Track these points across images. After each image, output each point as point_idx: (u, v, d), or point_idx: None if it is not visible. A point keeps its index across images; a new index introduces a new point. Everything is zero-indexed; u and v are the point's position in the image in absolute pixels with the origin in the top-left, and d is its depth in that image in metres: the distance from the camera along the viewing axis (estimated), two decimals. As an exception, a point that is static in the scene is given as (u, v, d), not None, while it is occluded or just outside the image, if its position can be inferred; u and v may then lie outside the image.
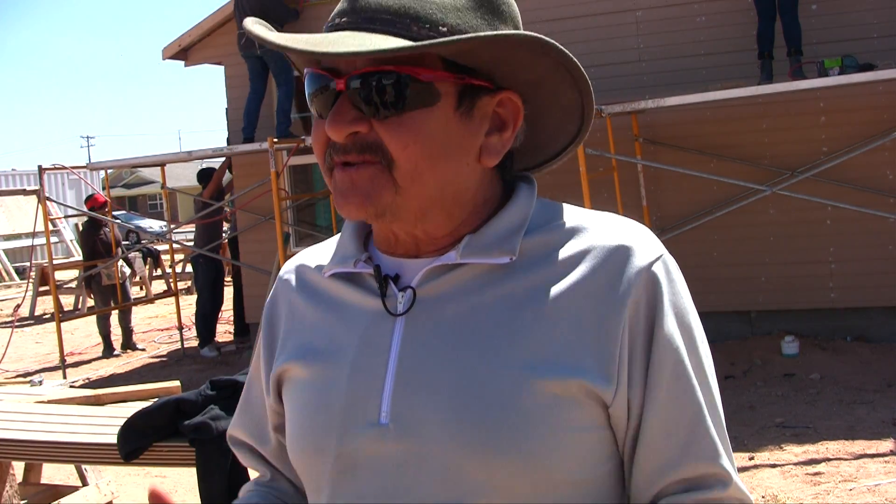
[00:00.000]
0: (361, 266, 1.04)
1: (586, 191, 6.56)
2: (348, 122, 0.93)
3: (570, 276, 0.98)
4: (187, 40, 9.66)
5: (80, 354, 10.52)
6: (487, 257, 0.99)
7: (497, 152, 1.00)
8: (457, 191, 0.99)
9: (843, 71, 6.51)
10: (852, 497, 4.41)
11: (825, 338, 7.43)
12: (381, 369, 0.99)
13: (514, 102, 1.00)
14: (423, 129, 0.93)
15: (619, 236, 1.00)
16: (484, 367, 0.95)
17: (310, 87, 0.98)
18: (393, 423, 0.96)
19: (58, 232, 16.60)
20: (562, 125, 1.08)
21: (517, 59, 0.96)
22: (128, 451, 3.09)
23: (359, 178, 0.95)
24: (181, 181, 31.43)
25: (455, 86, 0.95)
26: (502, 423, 0.93)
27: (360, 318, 1.04)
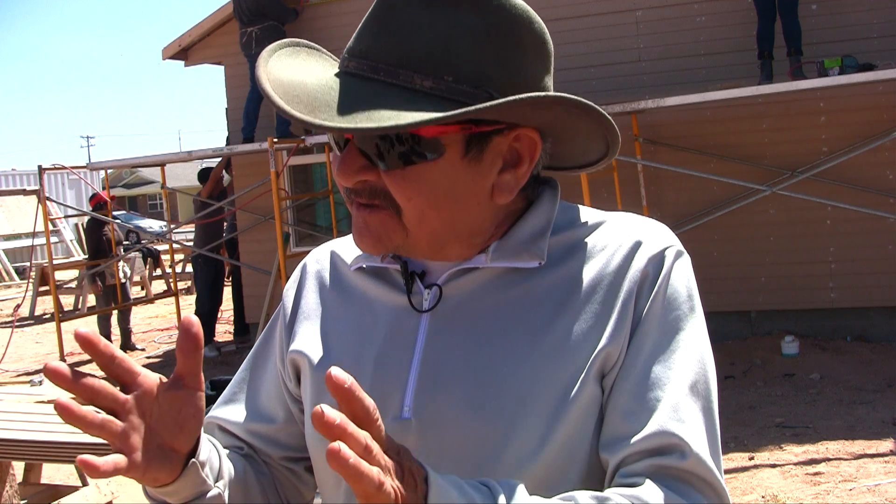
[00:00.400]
0: (389, 261, 1.06)
1: (586, 190, 6.56)
2: (355, 170, 0.95)
3: (592, 275, 1.00)
4: (187, 40, 9.66)
5: (80, 354, 10.52)
6: (517, 261, 1.00)
7: (510, 189, 0.99)
8: (469, 228, 1.00)
9: (843, 71, 6.52)
10: (852, 497, 4.41)
11: (825, 338, 7.43)
12: (406, 364, 1.01)
13: (530, 138, 0.98)
14: (426, 182, 0.94)
15: (637, 232, 1.02)
16: (506, 364, 0.97)
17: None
18: (415, 417, 0.98)
19: (58, 232, 16.60)
20: (587, 146, 1.07)
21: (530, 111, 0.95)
22: (128, 450, 3.09)
23: (371, 220, 0.97)
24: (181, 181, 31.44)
25: (462, 135, 0.94)
26: (521, 420, 0.94)
27: (386, 313, 1.06)
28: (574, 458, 0.96)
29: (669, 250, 1.01)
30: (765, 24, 6.96)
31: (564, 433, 0.95)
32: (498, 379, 0.96)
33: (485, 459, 0.95)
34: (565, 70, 8.06)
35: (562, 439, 0.95)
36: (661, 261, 1.00)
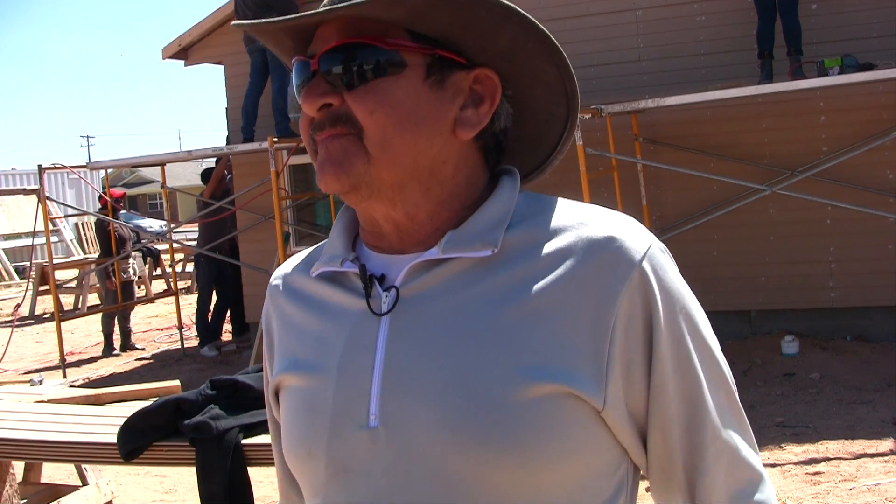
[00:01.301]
0: (347, 265, 1.04)
1: (586, 190, 6.56)
2: (319, 94, 0.97)
3: (557, 270, 0.96)
4: (187, 40, 9.66)
5: (80, 354, 10.52)
6: (470, 251, 0.97)
7: (472, 125, 1.00)
8: (432, 164, 0.99)
9: (842, 70, 6.51)
10: (852, 497, 4.41)
11: (825, 337, 7.43)
12: (368, 371, 0.98)
13: (490, 79, 1.01)
14: (388, 96, 0.96)
15: (606, 229, 0.97)
16: (471, 366, 0.94)
17: (296, 76, 1.02)
18: (382, 425, 0.96)
19: (58, 231, 16.60)
20: (550, 108, 1.08)
21: (476, 24, 0.97)
22: (128, 450, 3.09)
23: (332, 147, 0.97)
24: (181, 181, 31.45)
25: (423, 56, 0.97)
26: (490, 423, 0.91)
27: (346, 319, 1.03)
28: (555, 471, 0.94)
29: (649, 254, 0.97)
30: (765, 23, 6.95)
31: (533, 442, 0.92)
32: (468, 382, 0.93)
33: (459, 466, 0.93)
34: (565, 70, 8.05)
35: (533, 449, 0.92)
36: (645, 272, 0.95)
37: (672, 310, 0.97)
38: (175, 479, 5.54)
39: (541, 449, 0.92)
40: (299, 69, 1.01)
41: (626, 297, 0.94)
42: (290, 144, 8.10)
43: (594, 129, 7.29)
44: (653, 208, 7.87)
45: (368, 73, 0.96)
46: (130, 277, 10.29)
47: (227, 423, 2.98)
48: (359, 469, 0.97)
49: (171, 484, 5.51)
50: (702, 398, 0.98)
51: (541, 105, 1.08)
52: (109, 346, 10.17)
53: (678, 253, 1.04)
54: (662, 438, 0.98)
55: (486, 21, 0.96)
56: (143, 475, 5.64)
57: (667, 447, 0.99)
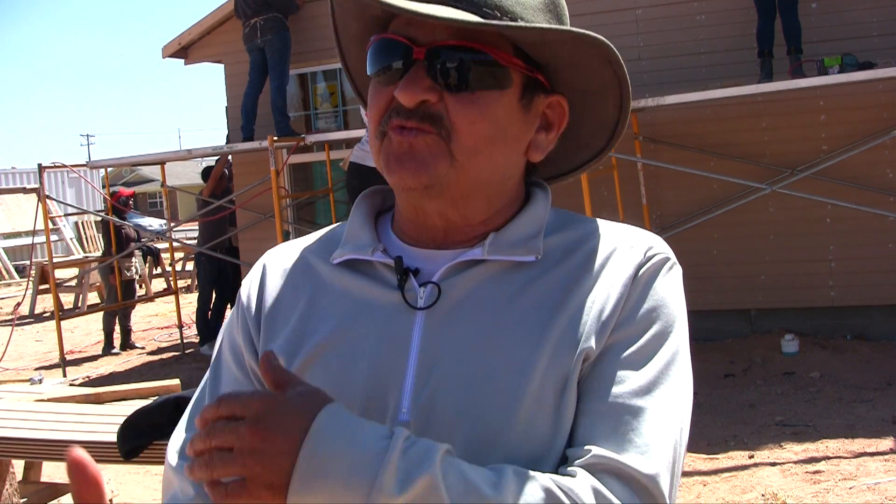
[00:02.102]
0: (379, 256, 1.03)
1: (586, 189, 6.56)
2: (423, 89, 0.94)
3: (591, 274, 1.00)
4: (187, 38, 9.65)
5: (81, 353, 10.52)
6: (513, 255, 1.00)
7: (543, 150, 1.04)
8: (502, 178, 1.02)
9: (842, 69, 6.51)
10: (852, 495, 4.41)
11: (825, 336, 7.43)
12: (402, 364, 0.98)
13: (562, 107, 1.04)
14: (491, 110, 0.96)
15: (637, 239, 1.03)
16: (505, 367, 0.95)
17: (381, 54, 0.99)
18: (414, 419, 0.96)
19: (58, 230, 16.59)
20: (590, 140, 1.11)
21: (583, 63, 0.99)
22: (127, 449, 3.09)
23: (418, 144, 0.96)
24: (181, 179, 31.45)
25: (522, 77, 0.98)
26: (516, 421, 0.93)
27: (375, 310, 1.01)
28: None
29: (667, 262, 1.02)
30: (764, 22, 6.95)
31: (562, 433, 0.95)
32: (498, 381, 0.95)
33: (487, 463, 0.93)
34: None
35: (560, 441, 0.95)
36: (655, 270, 1.00)
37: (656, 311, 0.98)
38: (175, 477, 5.53)
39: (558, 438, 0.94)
40: (391, 49, 0.98)
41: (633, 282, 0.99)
42: (289, 143, 8.10)
43: (594, 127, 7.27)
44: (653, 207, 7.87)
45: (477, 82, 0.95)
46: (133, 276, 10.31)
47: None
48: None
49: (171, 483, 5.50)
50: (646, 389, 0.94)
51: (585, 135, 1.10)
52: (109, 344, 10.17)
53: (678, 252, 1.06)
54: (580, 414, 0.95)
55: (593, 63, 0.99)
56: (142, 474, 5.64)
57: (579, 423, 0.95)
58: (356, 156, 6.12)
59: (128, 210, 10.40)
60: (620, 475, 0.89)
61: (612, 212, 7.20)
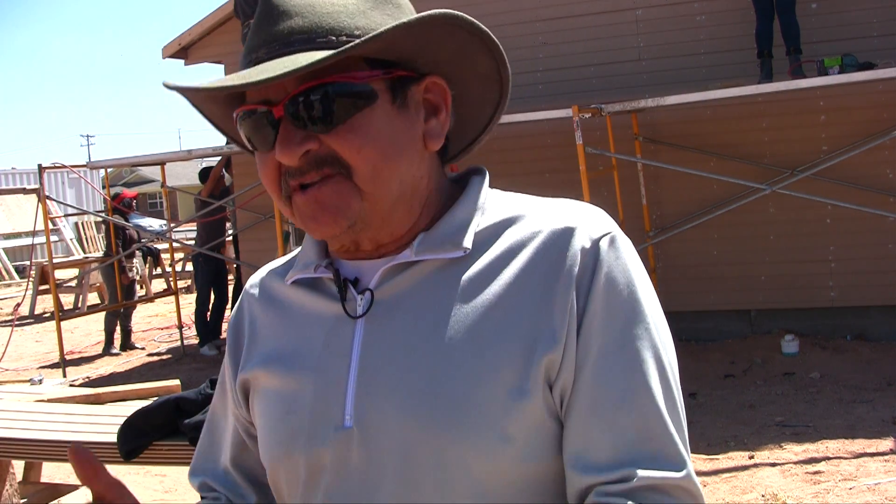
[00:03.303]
0: (322, 271, 1.06)
1: (586, 189, 6.56)
2: (298, 142, 0.94)
3: (519, 262, 0.98)
4: (187, 39, 9.65)
5: (81, 353, 10.52)
6: (441, 252, 1.00)
7: (438, 135, 1.02)
8: (413, 183, 1.01)
9: (842, 70, 6.51)
10: (852, 496, 4.41)
11: (825, 336, 7.43)
12: (344, 372, 1.00)
13: (439, 85, 1.02)
14: (370, 129, 0.95)
15: (565, 219, 1.00)
16: (442, 366, 0.95)
17: (247, 126, 0.98)
18: (357, 426, 0.97)
19: (57, 231, 16.58)
20: (483, 95, 1.09)
21: (433, 41, 0.98)
22: (127, 449, 3.09)
23: (322, 195, 0.95)
24: (181, 180, 31.44)
25: (385, 82, 0.97)
26: (462, 420, 0.92)
27: (322, 323, 1.05)
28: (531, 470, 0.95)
29: (604, 239, 0.97)
30: (763, 22, 6.95)
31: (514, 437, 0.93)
32: (438, 382, 0.94)
33: (430, 467, 0.94)
34: (566, 69, 8.06)
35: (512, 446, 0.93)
36: (596, 252, 0.96)
37: (612, 295, 0.95)
38: (175, 478, 5.54)
39: (509, 448, 0.93)
40: (253, 118, 0.96)
41: (579, 271, 0.95)
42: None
43: (594, 128, 7.29)
44: (653, 207, 7.87)
45: (345, 112, 0.94)
46: (135, 276, 10.33)
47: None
48: (335, 469, 0.99)
49: (171, 483, 5.51)
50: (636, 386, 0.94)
51: (476, 94, 1.09)
52: (110, 343, 10.17)
53: (678, 252, 1.05)
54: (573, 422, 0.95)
55: (439, 35, 0.97)
56: (142, 474, 5.64)
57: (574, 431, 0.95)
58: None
59: (130, 212, 10.40)
60: (662, 489, 0.91)
61: (613, 212, 7.16)
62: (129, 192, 10.45)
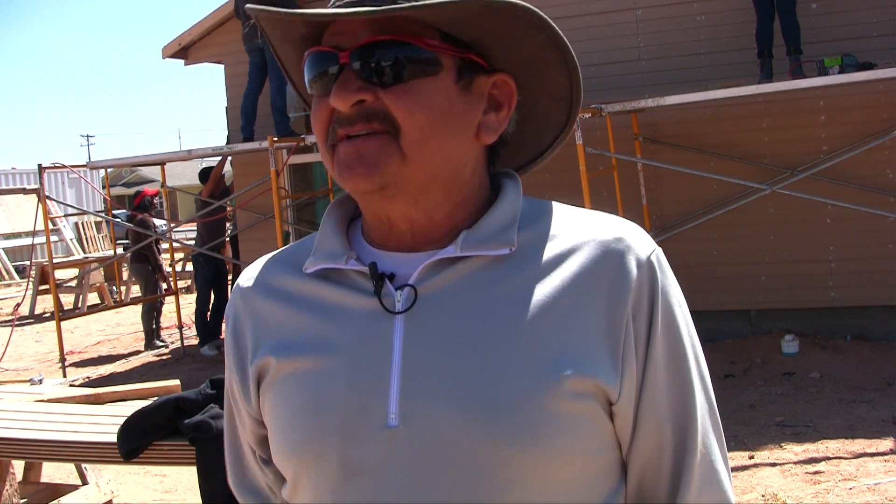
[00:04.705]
0: (353, 263, 1.02)
1: (586, 189, 6.56)
2: (354, 90, 0.94)
3: (571, 268, 0.99)
4: (187, 39, 9.65)
5: (80, 354, 10.52)
6: (487, 249, 0.99)
7: (494, 130, 1.02)
8: (456, 167, 1.00)
9: (842, 70, 6.51)
10: (852, 496, 4.41)
11: (825, 336, 7.43)
12: (385, 370, 0.96)
13: (508, 84, 1.02)
14: (428, 97, 0.95)
15: (613, 230, 1.02)
16: (492, 364, 0.94)
17: (312, 68, 0.99)
18: (403, 424, 0.95)
19: (58, 231, 16.59)
20: (550, 115, 1.10)
21: (510, 32, 0.98)
22: (128, 449, 3.09)
23: (365, 147, 0.95)
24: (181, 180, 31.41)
25: (454, 59, 0.97)
26: (516, 420, 0.93)
27: (352, 317, 1.01)
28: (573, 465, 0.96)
29: (653, 256, 1.01)
30: (763, 22, 6.95)
31: (562, 441, 0.94)
32: (489, 383, 0.94)
33: (480, 468, 0.93)
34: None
35: (556, 445, 0.94)
36: (651, 270, 1.00)
37: (671, 309, 1.00)
38: (175, 478, 5.54)
39: (561, 446, 0.94)
40: (320, 61, 0.98)
41: (635, 295, 0.98)
42: (289, 144, 8.10)
43: (594, 128, 7.29)
44: (653, 207, 7.87)
45: (407, 73, 0.94)
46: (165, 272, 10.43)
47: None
48: (377, 470, 0.96)
49: (171, 483, 5.51)
50: (692, 400, 1.01)
51: (543, 110, 1.09)
52: (151, 339, 10.25)
53: (678, 252, 1.08)
54: (654, 437, 1.00)
55: (520, 30, 0.98)
56: (142, 474, 5.64)
57: (657, 448, 1.00)
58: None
59: (153, 209, 10.39)
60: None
61: (612, 212, 7.16)
62: (150, 190, 10.46)
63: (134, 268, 10.47)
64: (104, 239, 16.90)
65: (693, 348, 1.02)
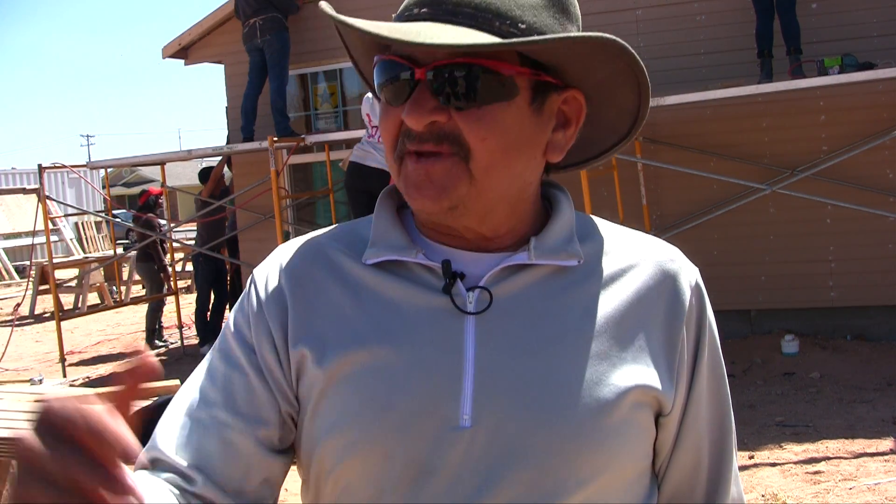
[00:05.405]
0: (421, 258, 1.00)
1: (586, 189, 6.56)
2: (428, 111, 0.92)
3: (633, 284, 1.03)
4: (187, 39, 9.65)
5: (80, 353, 10.52)
6: (557, 259, 1.01)
7: (562, 149, 1.02)
8: (522, 186, 1.01)
9: (842, 70, 6.51)
10: (852, 496, 4.41)
11: (825, 336, 7.43)
12: (457, 370, 0.95)
13: (578, 101, 1.02)
14: (501, 122, 0.94)
15: (666, 250, 1.08)
16: (564, 371, 0.96)
17: (384, 74, 0.97)
18: (476, 425, 0.94)
19: (57, 231, 16.59)
20: (614, 125, 1.09)
21: (590, 60, 0.96)
22: (128, 449, 3.09)
23: (434, 170, 0.94)
24: (181, 180, 31.43)
25: (530, 81, 0.96)
26: (584, 425, 0.95)
27: (419, 314, 0.98)
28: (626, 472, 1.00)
29: (699, 279, 1.08)
30: (763, 22, 6.96)
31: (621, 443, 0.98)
32: (561, 388, 0.95)
33: (550, 470, 0.94)
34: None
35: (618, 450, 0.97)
36: (700, 293, 1.06)
37: (713, 331, 1.08)
38: (175, 478, 5.53)
39: (627, 451, 0.98)
40: (391, 68, 0.96)
41: (689, 311, 1.04)
42: (289, 144, 8.10)
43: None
44: (653, 208, 7.87)
45: (484, 97, 0.92)
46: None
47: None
48: (448, 470, 0.94)
49: (171, 483, 5.51)
50: (728, 416, 1.09)
51: (608, 121, 1.08)
52: (152, 339, 10.27)
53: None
54: (693, 450, 1.06)
55: (601, 55, 0.96)
56: (143, 474, 5.64)
57: (696, 460, 1.06)
58: (356, 156, 6.11)
59: (158, 209, 10.38)
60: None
61: (613, 212, 7.21)
62: (154, 189, 10.43)
63: (139, 267, 10.49)
64: (104, 239, 16.90)
65: (723, 368, 1.10)
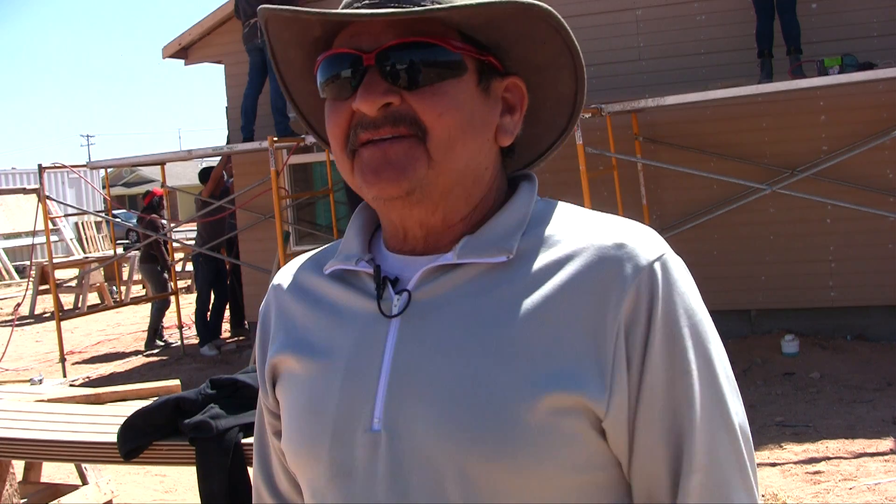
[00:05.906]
0: (362, 265, 1.02)
1: (586, 189, 6.56)
2: (381, 93, 0.93)
3: (566, 276, 0.94)
4: (187, 39, 9.65)
5: (80, 353, 10.52)
6: (485, 256, 0.97)
7: (510, 133, 1.02)
8: (477, 170, 1.00)
9: (842, 70, 6.51)
10: (852, 496, 4.41)
11: (825, 336, 7.43)
12: (374, 374, 0.96)
13: (519, 88, 1.03)
14: (454, 98, 0.95)
15: (617, 235, 0.96)
16: (479, 374, 0.92)
17: (331, 68, 0.97)
18: (385, 429, 0.94)
19: (57, 231, 16.59)
20: (554, 119, 1.10)
21: (531, 35, 0.98)
22: (127, 449, 3.09)
23: (393, 151, 0.93)
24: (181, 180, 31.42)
25: (475, 62, 0.97)
26: (497, 431, 0.90)
27: (355, 320, 1.01)
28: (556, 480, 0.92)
29: (657, 263, 0.94)
30: (763, 22, 6.96)
31: (547, 455, 0.90)
32: (473, 391, 0.91)
33: (457, 478, 0.91)
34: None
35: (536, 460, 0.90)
36: (651, 279, 0.93)
37: (673, 320, 0.93)
38: (175, 478, 5.54)
39: (544, 459, 0.90)
40: (339, 63, 0.96)
41: (629, 304, 0.92)
42: (290, 144, 8.10)
43: (594, 128, 7.29)
44: (653, 207, 7.87)
45: (435, 75, 0.94)
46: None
47: (227, 423, 2.98)
48: (360, 473, 0.96)
49: (171, 483, 5.51)
50: (691, 421, 0.92)
51: (547, 115, 1.09)
52: (153, 339, 10.25)
53: (678, 252, 1.01)
54: (653, 455, 0.93)
55: (541, 34, 0.98)
56: (142, 474, 5.64)
57: (653, 470, 0.94)
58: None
59: (161, 210, 10.38)
60: None
61: (612, 212, 7.17)
62: (158, 190, 10.43)
63: (142, 268, 10.49)
64: (104, 239, 16.91)
65: (706, 362, 0.94)
